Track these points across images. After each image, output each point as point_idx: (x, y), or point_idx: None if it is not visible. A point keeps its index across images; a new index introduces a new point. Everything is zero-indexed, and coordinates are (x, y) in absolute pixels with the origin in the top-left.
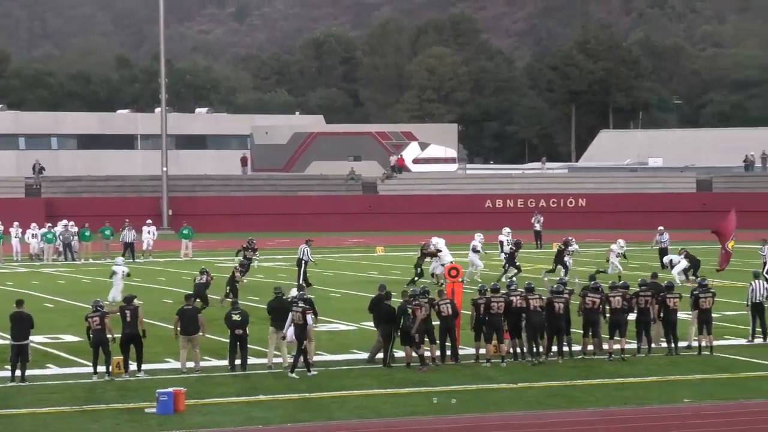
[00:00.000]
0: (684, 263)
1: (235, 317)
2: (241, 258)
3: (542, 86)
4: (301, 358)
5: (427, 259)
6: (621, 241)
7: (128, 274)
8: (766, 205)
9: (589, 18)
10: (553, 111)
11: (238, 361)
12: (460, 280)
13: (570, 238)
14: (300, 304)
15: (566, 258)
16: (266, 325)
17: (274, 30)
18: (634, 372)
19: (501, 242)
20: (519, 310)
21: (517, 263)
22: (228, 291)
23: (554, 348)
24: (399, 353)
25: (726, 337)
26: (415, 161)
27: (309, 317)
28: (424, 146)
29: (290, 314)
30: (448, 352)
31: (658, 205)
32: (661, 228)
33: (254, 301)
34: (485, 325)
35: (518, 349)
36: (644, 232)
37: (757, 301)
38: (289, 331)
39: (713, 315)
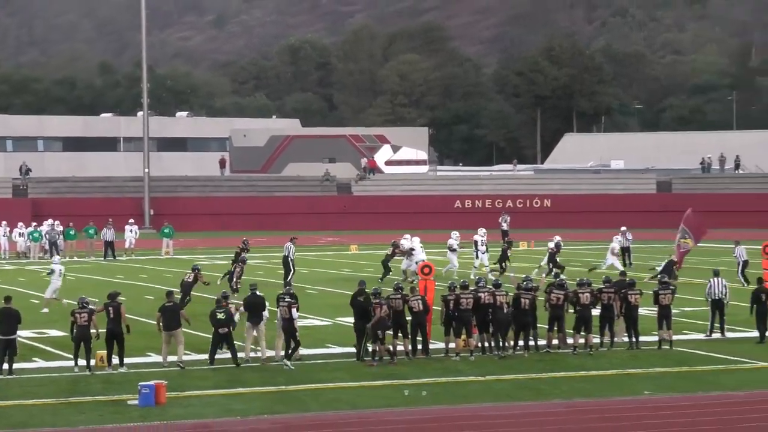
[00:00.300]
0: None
1: (220, 316)
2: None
3: (509, 91)
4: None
5: (396, 256)
6: (618, 238)
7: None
8: (723, 205)
9: (553, 26)
10: (520, 115)
11: (225, 355)
12: (432, 277)
13: (557, 238)
14: (287, 299)
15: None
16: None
17: (252, 37)
18: (597, 365)
19: (476, 242)
20: (487, 306)
21: (505, 263)
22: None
23: (521, 342)
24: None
25: (685, 332)
26: (388, 163)
27: (294, 311)
28: (396, 149)
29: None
30: (420, 347)
31: (620, 205)
32: (624, 228)
33: (234, 297)
34: (455, 321)
35: (486, 344)
36: (606, 231)
37: (717, 297)
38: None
39: (673, 311)
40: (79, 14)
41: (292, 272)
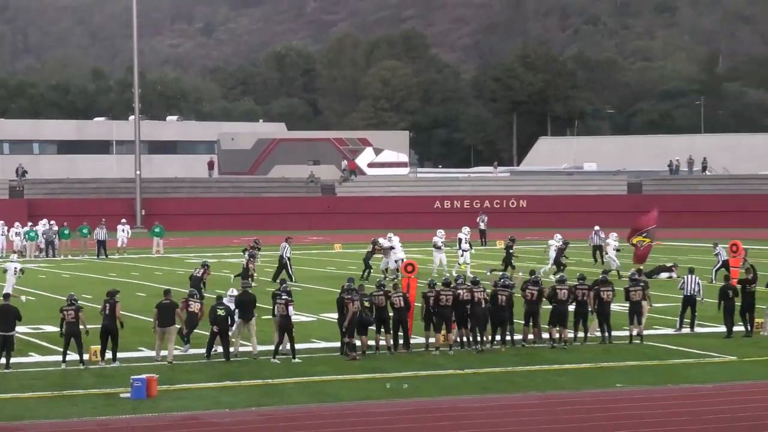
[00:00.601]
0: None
1: (220, 312)
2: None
3: (486, 97)
4: (286, 345)
5: (377, 254)
6: (614, 235)
7: (22, 271)
8: (691, 205)
9: (528, 34)
10: (496, 119)
11: (219, 350)
12: (415, 275)
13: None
14: (284, 297)
15: (554, 256)
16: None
17: (240, 44)
18: (571, 359)
19: (459, 240)
20: (465, 303)
21: (512, 263)
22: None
23: (497, 337)
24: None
25: (655, 327)
26: (370, 165)
27: (290, 308)
28: (378, 151)
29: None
30: (401, 342)
31: (592, 205)
32: (597, 227)
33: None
34: (435, 316)
35: (464, 338)
36: (579, 230)
37: (689, 294)
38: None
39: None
40: (72, 22)
41: (290, 271)
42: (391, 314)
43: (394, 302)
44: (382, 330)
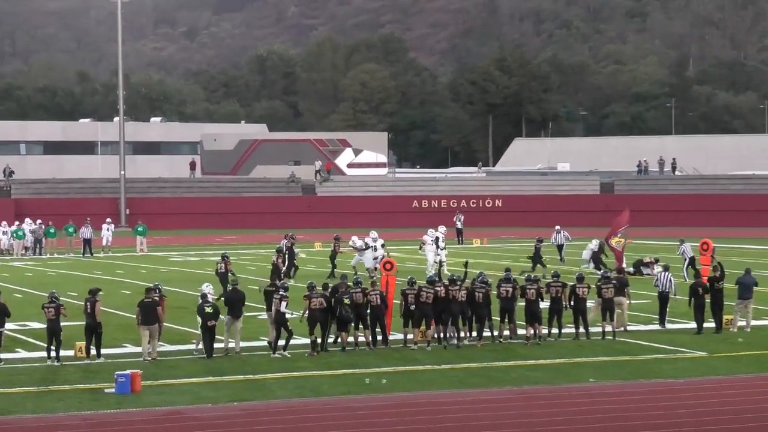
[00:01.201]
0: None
1: (208, 309)
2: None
3: (463, 99)
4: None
5: (347, 251)
6: (596, 241)
7: None
8: (662, 205)
9: (503, 39)
10: (473, 121)
11: (218, 345)
12: (394, 273)
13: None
14: (280, 292)
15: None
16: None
17: (222, 47)
18: (545, 355)
19: (437, 238)
20: (443, 300)
21: (541, 262)
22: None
23: (473, 333)
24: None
25: (628, 323)
26: (350, 166)
27: (284, 304)
28: (357, 152)
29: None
30: (380, 338)
31: (565, 205)
32: (558, 227)
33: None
34: (415, 313)
35: (442, 335)
36: (571, 229)
37: (663, 290)
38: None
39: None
40: (59, 27)
41: (294, 268)
42: (369, 311)
43: (371, 300)
44: (361, 326)
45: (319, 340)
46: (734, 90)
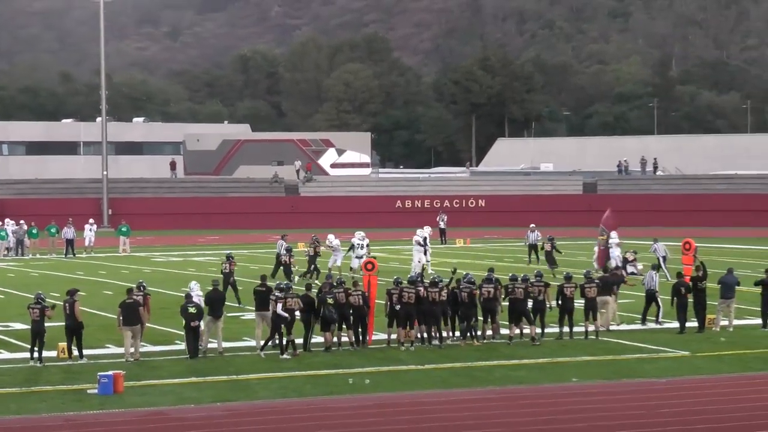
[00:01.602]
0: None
1: (191, 309)
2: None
3: (446, 99)
4: (284, 341)
5: (310, 252)
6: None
7: None
8: (645, 204)
9: (487, 39)
10: (456, 121)
11: (211, 345)
12: (375, 272)
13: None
14: (276, 293)
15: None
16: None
17: (205, 47)
18: (529, 354)
19: (424, 238)
20: (426, 300)
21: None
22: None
23: (457, 333)
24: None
25: (611, 323)
26: (333, 166)
27: (279, 305)
28: (341, 152)
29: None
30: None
31: (549, 205)
32: (532, 225)
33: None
34: (399, 313)
35: (425, 335)
36: (553, 229)
37: (650, 288)
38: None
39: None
40: (41, 27)
41: (287, 267)
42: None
43: (353, 300)
44: (344, 326)
45: (300, 341)
46: (717, 90)
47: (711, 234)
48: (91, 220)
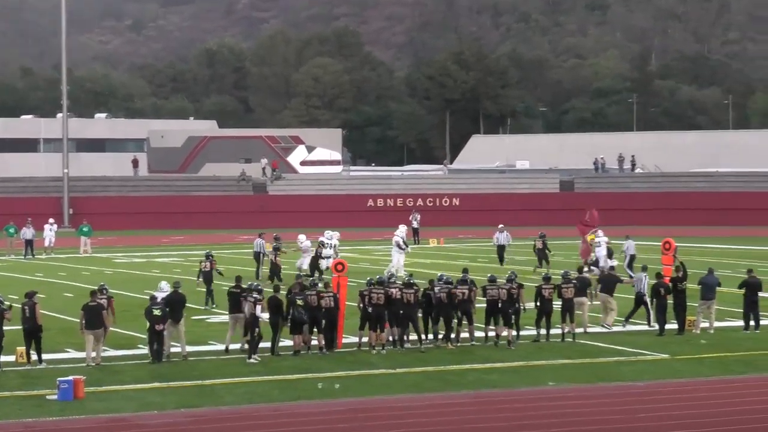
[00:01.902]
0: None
1: (156, 312)
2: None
3: (420, 94)
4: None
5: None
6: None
7: None
8: (623, 203)
9: (461, 32)
10: (430, 117)
11: (175, 349)
12: (345, 274)
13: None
14: (254, 295)
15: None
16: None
17: (170, 41)
18: (503, 357)
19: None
20: (397, 302)
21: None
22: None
23: (440, 335)
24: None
25: (588, 325)
26: (303, 163)
27: (258, 307)
28: (310, 149)
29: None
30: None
31: (524, 204)
32: (501, 225)
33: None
34: (372, 315)
35: (396, 337)
36: (513, 228)
37: (639, 290)
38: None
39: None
40: (0, 20)
41: (260, 267)
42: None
43: (324, 303)
44: (315, 330)
45: (269, 344)
46: (698, 84)
47: (691, 233)
48: (51, 220)
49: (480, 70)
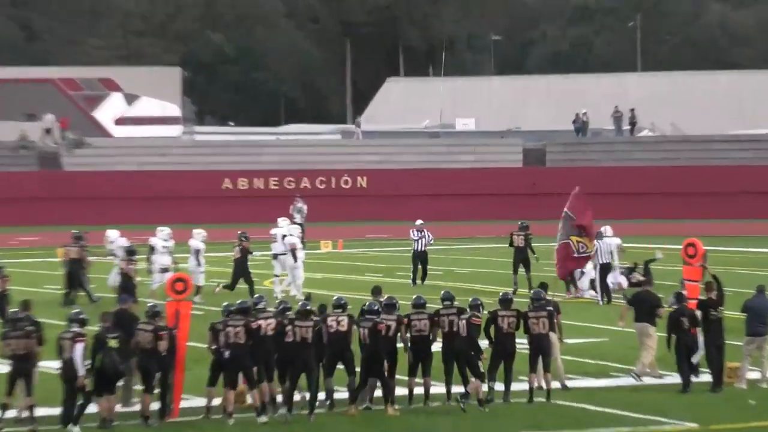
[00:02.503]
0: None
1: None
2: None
3: (303, 15)
4: None
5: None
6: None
7: None
8: (619, 184)
9: None
10: (320, 51)
11: None
12: (188, 297)
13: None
14: (73, 328)
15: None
16: None
17: None
18: (430, 427)
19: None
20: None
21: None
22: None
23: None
24: None
25: (569, 376)
26: (119, 122)
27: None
28: (131, 99)
29: None
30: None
31: (468, 185)
32: (420, 222)
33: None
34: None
35: (278, 396)
36: (477, 223)
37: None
38: None
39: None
40: None
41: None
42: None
43: (161, 346)
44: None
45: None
46: (733, 1)
47: (727, 230)
48: None
49: None
